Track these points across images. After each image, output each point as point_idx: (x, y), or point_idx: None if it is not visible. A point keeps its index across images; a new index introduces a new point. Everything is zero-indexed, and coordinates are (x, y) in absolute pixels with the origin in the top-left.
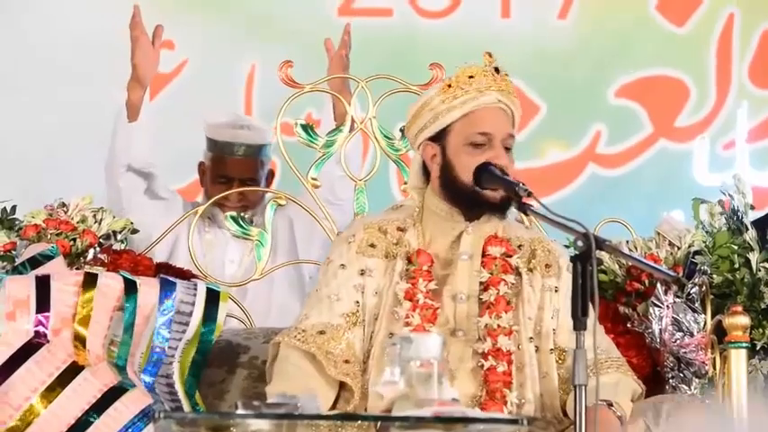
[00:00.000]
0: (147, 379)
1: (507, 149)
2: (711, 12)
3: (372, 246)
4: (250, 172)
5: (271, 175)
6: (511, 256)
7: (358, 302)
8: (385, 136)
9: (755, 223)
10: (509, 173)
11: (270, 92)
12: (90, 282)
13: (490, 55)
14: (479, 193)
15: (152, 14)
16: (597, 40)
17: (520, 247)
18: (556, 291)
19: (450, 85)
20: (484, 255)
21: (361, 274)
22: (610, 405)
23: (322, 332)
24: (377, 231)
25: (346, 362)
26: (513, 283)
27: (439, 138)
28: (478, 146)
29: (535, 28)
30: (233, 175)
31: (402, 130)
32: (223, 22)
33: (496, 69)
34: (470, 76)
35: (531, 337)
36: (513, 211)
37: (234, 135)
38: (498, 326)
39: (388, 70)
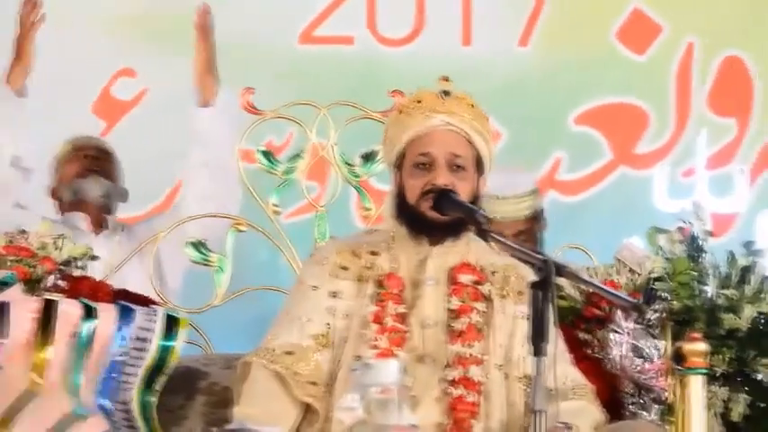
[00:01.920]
0: (107, 404)
1: (458, 168)
2: (671, 40)
3: (344, 268)
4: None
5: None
6: (482, 284)
7: (329, 324)
8: (346, 162)
9: None
10: (458, 192)
11: (230, 119)
12: (49, 309)
13: (446, 79)
14: (423, 214)
15: (114, 43)
16: (557, 67)
17: (494, 273)
18: (527, 318)
19: (401, 112)
20: (455, 282)
21: (333, 296)
22: (569, 428)
23: (290, 353)
24: (350, 255)
25: (313, 383)
26: (483, 311)
27: (399, 164)
28: (421, 167)
29: (496, 55)
30: (91, 152)
31: (362, 157)
32: (184, 50)
33: (445, 92)
34: (418, 101)
35: (500, 365)
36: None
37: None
38: (470, 354)
39: (350, 97)
